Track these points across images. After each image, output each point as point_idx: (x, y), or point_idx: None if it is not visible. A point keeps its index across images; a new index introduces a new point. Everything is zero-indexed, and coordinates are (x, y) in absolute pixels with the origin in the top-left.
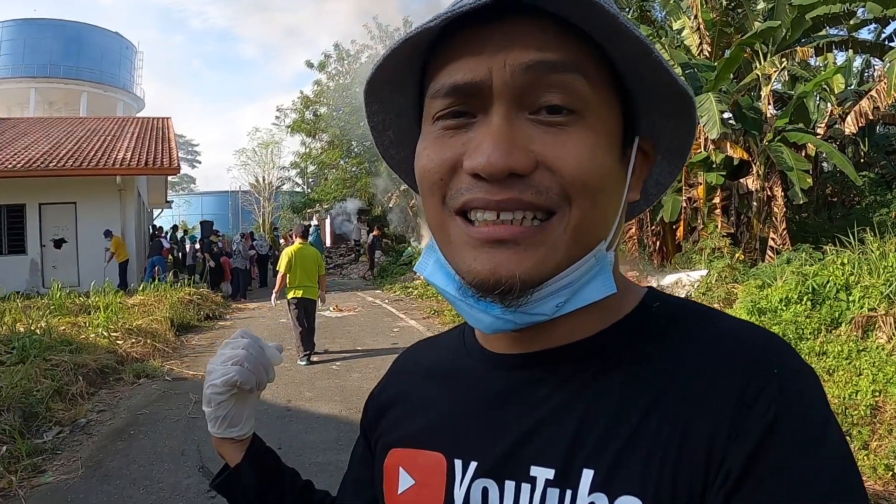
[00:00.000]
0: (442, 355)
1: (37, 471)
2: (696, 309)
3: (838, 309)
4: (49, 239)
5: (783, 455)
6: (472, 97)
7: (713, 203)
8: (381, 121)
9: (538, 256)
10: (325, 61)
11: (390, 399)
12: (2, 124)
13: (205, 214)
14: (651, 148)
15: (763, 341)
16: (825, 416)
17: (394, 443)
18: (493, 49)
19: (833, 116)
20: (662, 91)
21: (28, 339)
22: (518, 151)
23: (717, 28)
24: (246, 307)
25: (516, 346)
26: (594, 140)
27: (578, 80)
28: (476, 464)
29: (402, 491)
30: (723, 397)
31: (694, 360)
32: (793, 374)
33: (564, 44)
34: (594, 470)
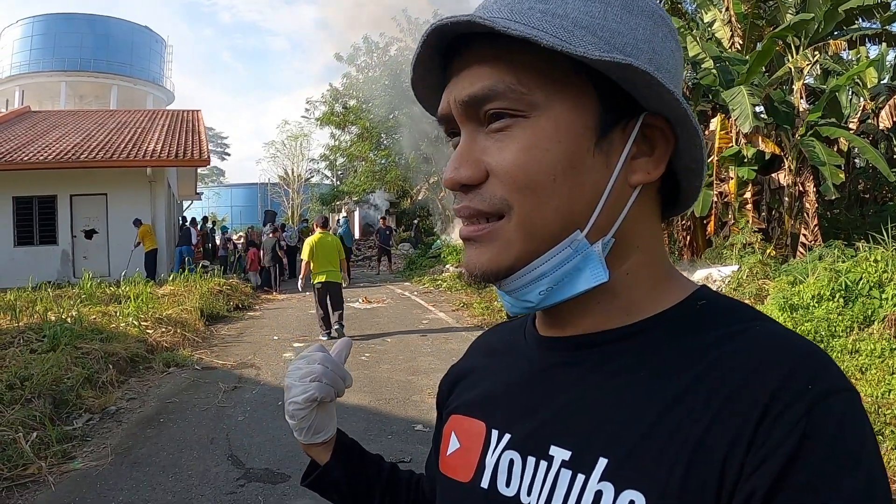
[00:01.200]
0: (506, 335)
1: (66, 457)
2: (744, 311)
3: (871, 306)
4: (80, 230)
5: (810, 478)
6: (449, 122)
7: (744, 198)
8: None
9: (492, 252)
10: (355, 54)
11: (460, 373)
12: (33, 117)
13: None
14: (665, 124)
15: (801, 354)
16: (860, 441)
17: (454, 410)
18: (452, 81)
19: (866, 111)
20: (607, 67)
21: (59, 328)
22: (466, 166)
23: (749, 20)
24: (275, 298)
25: (552, 330)
26: (535, 138)
27: (510, 95)
28: (509, 436)
29: (451, 452)
30: (749, 406)
31: (726, 364)
32: (827, 392)
33: (500, 62)
34: (608, 459)
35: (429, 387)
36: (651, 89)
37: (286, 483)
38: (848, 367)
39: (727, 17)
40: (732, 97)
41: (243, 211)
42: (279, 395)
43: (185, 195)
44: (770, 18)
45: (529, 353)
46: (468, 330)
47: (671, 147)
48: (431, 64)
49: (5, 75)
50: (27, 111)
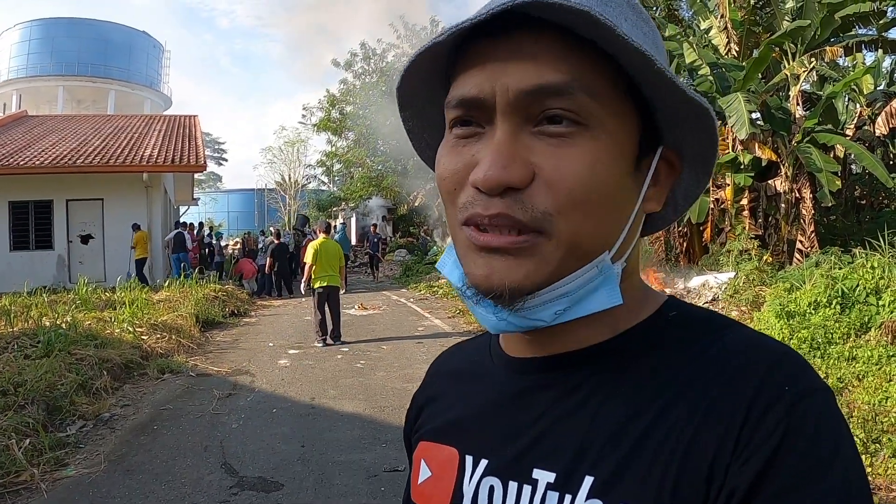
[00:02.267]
0: (469, 357)
1: (59, 464)
2: (714, 319)
3: (868, 313)
4: (76, 235)
5: (790, 477)
6: (479, 110)
7: (741, 204)
8: (416, 125)
9: (528, 268)
10: (352, 60)
11: (424, 400)
12: (30, 121)
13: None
14: (676, 158)
15: (776, 357)
16: (837, 439)
17: (423, 436)
18: (497, 65)
19: (862, 117)
20: (676, 102)
21: (54, 333)
22: (515, 165)
23: (745, 27)
24: (271, 304)
25: (530, 351)
26: (596, 153)
27: (582, 99)
28: (486, 462)
29: (422, 481)
30: (730, 412)
31: (704, 372)
32: (804, 392)
33: (568, 58)
34: (594, 477)
35: None
36: (701, 125)
37: (279, 492)
38: (845, 375)
39: (723, 24)
40: (729, 104)
41: (240, 216)
42: (274, 402)
43: (181, 200)
44: (766, 25)
45: (500, 375)
46: (464, 337)
47: (673, 181)
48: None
49: (2, 79)
50: (24, 115)
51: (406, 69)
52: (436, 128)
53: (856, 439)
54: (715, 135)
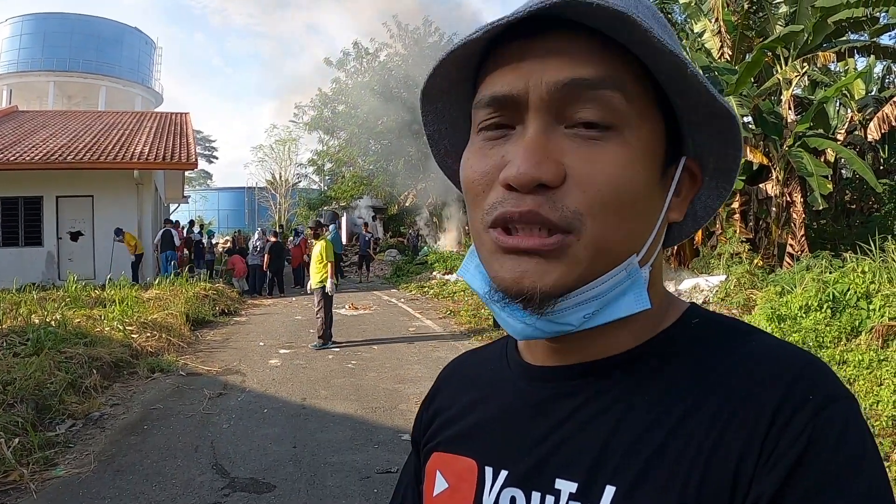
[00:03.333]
0: (484, 365)
1: (49, 464)
2: (736, 327)
3: (858, 317)
4: (66, 231)
5: (815, 483)
6: (510, 109)
7: (732, 208)
8: (437, 130)
9: (560, 270)
10: (344, 59)
11: (436, 408)
12: (20, 117)
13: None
14: (698, 169)
15: (800, 364)
16: (861, 445)
17: (436, 447)
18: (532, 63)
19: (853, 122)
20: (704, 109)
21: (43, 331)
22: (548, 162)
23: (739, 31)
24: (262, 303)
25: (552, 359)
26: (628, 156)
27: (615, 96)
28: (507, 472)
29: (437, 493)
30: (754, 418)
31: (727, 381)
32: (828, 399)
33: (602, 58)
34: (616, 486)
35: (416, 395)
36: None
37: (271, 493)
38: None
39: (717, 28)
40: None
41: (230, 214)
42: (265, 402)
43: (172, 198)
44: (759, 29)
45: (519, 384)
46: (455, 338)
47: (694, 192)
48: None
49: None
50: (14, 111)
51: (435, 68)
52: (458, 131)
53: None
54: (740, 144)
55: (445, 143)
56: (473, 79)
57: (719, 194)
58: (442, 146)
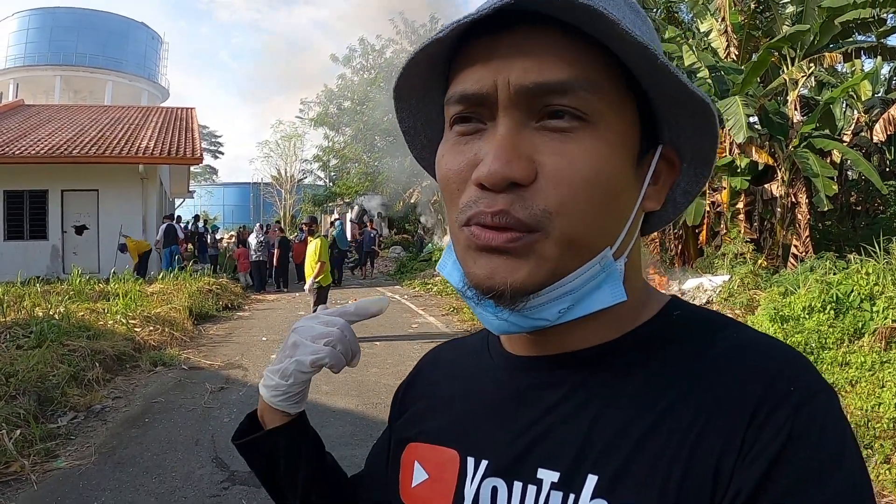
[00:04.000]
0: (465, 355)
1: (50, 455)
2: (718, 320)
3: (862, 319)
4: (70, 225)
5: (795, 479)
6: (480, 105)
7: (737, 208)
8: (412, 126)
9: (528, 267)
10: (350, 55)
11: (413, 395)
12: (27, 110)
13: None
14: (675, 156)
15: (781, 358)
16: (841, 440)
17: (412, 437)
18: (499, 61)
19: (859, 123)
20: (677, 97)
21: (46, 324)
22: (518, 161)
23: (745, 31)
24: (265, 298)
25: (533, 350)
26: (599, 149)
27: (581, 94)
28: (487, 462)
29: (416, 484)
30: (735, 413)
31: (709, 372)
32: (809, 393)
33: (571, 55)
34: (598, 476)
35: None
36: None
37: None
38: (838, 380)
39: (723, 27)
40: (727, 107)
41: (235, 210)
42: None
43: (177, 193)
44: (766, 29)
45: (501, 374)
46: (458, 335)
47: (672, 179)
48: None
49: (0, 68)
50: (21, 105)
51: (405, 66)
52: (433, 126)
53: None
54: (716, 132)
55: (422, 137)
56: (446, 74)
57: (698, 180)
58: (418, 141)
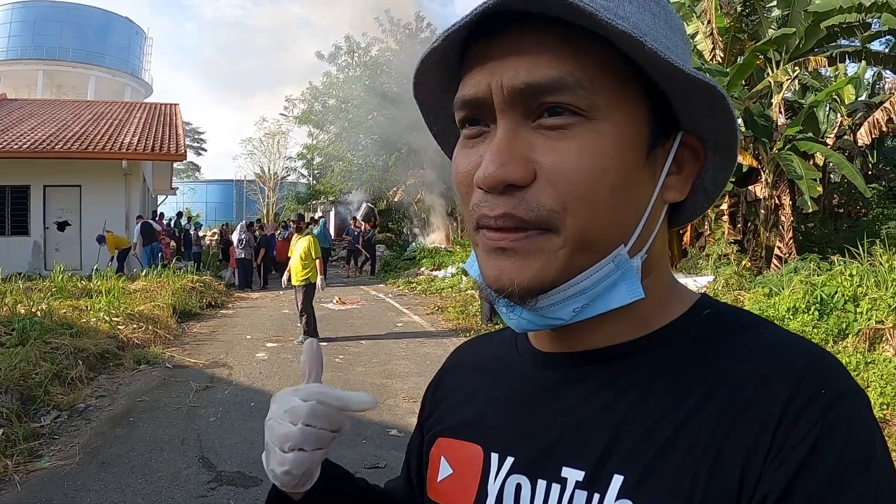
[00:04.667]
0: (493, 351)
1: (33, 455)
2: (748, 318)
3: (846, 320)
4: (53, 221)
5: (824, 481)
6: (480, 109)
7: (721, 209)
8: (441, 129)
9: (535, 267)
10: (336, 53)
11: (443, 391)
12: (9, 105)
13: (209, 203)
14: (699, 143)
15: (811, 358)
16: (871, 443)
17: (441, 432)
18: (493, 64)
19: (843, 127)
20: (679, 83)
21: (28, 322)
22: (514, 162)
23: (731, 34)
24: (249, 297)
25: (559, 346)
26: (599, 144)
27: (576, 91)
28: (512, 459)
29: (441, 479)
30: (764, 414)
31: (737, 372)
32: (839, 395)
33: (563, 52)
34: (624, 476)
35: (403, 391)
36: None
37: (258, 487)
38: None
39: (709, 30)
40: None
41: (218, 207)
42: (251, 395)
43: (160, 189)
44: (752, 32)
45: (527, 370)
46: (443, 334)
47: (698, 167)
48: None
49: None
50: (3, 99)
51: (417, 76)
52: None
53: None
54: (731, 115)
55: (452, 140)
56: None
57: (725, 166)
58: (450, 143)
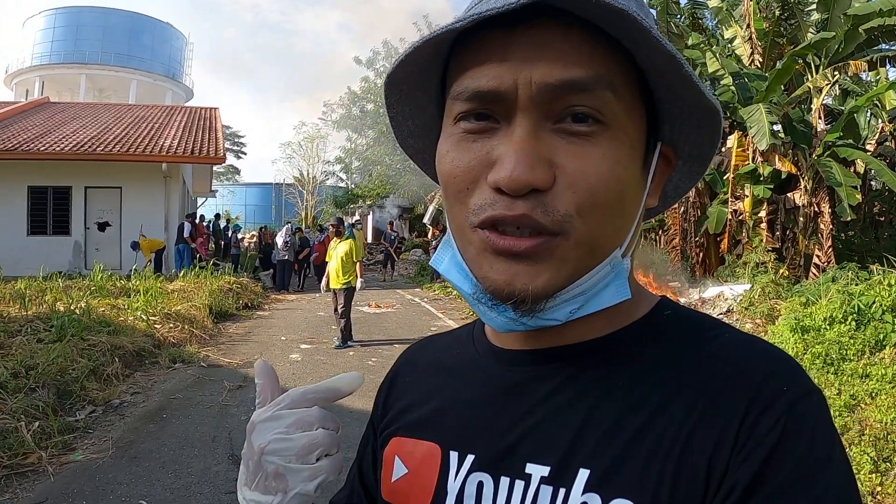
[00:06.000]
0: (449, 348)
1: (67, 448)
2: (708, 321)
3: (883, 331)
4: (93, 222)
5: (789, 476)
6: (495, 104)
7: (759, 216)
8: (400, 111)
9: (550, 271)
10: (374, 58)
11: (398, 391)
12: (52, 108)
13: (248, 205)
14: (672, 153)
15: (773, 358)
16: (832, 439)
17: (395, 432)
18: (519, 58)
19: (884, 133)
20: (690, 103)
21: (67, 319)
22: (540, 166)
23: (770, 38)
24: (285, 298)
25: (524, 343)
26: (617, 153)
27: (606, 95)
28: (473, 457)
29: (396, 479)
30: (729, 408)
31: (702, 369)
32: (802, 393)
33: (593, 54)
34: (591, 470)
35: None
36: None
37: None
38: (858, 392)
39: (748, 34)
40: (750, 114)
41: (257, 210)
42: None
43: (199, 192)
44: (791, 37)
45: (489, 368)
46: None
47: (667, 175)
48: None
49: (26, 65)
50: (46, 102)
51: (409, 53)
52: (423, 115)
53: (867, 457)
54: (720, 133)
55: (409, 124)
56: (444, 63)
57: (692, 177)
58: (405, 127)
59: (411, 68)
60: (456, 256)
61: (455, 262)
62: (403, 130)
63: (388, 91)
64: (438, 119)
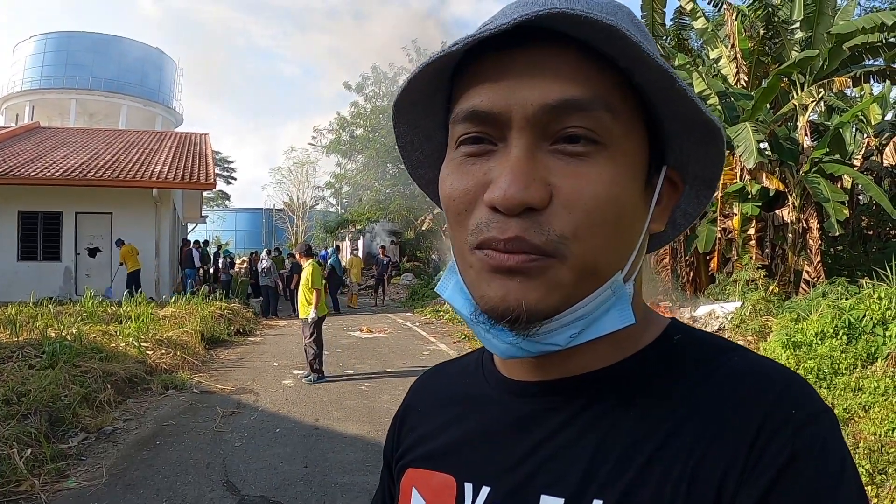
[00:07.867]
0: (459, 379)
1: (60, 475)
2: (719, 344)
3: (875, 344)
4: (84, 247)
5: (797, 498)
6: (492, 125)
7: (748, 234)
8: (410, 141)
9: (543, 289)
10: (363, 83)
11: (410, 423)
12: (42, 133)
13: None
14: (678, 177)
15: (782, 381)
16: (841, 462)
17: (410, 463)
18: (515, 79)
19: (870, 148)
20: (689, 120)
21: (59, 345)
22: (535, 185)
23: (755, 57)
24: (276, 324)
25: (533, 374)
26: (614, 173)
27: (603, 115)
28: (489, 489)
29: None
30: (737, 436)
31: (711, 396)
32: (809, 416)
33: (588, 74)
34: (604, 500)
35: None
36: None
37: None
38: (851, 405)
39: (733, 54)
40: (737, 133)
41: (247, 235)
42: (277, 422)
43: (189, 217)
44: (775, 55)
45: (498, 399)
46: None
47: (676, 199)
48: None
49: (16, 90)
50: (36, 127)
51: (410, 79)
52: (431, 142)
53: (862, 470)
54: (723, 153)
55: (418, 153)
56: (447, 89)
57: (699, 202)
58: (415, 156)
59: (415, 96)
60: (459, 282)
61: (458, 288)
62: (413, 160)
63: (395, 119)
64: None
